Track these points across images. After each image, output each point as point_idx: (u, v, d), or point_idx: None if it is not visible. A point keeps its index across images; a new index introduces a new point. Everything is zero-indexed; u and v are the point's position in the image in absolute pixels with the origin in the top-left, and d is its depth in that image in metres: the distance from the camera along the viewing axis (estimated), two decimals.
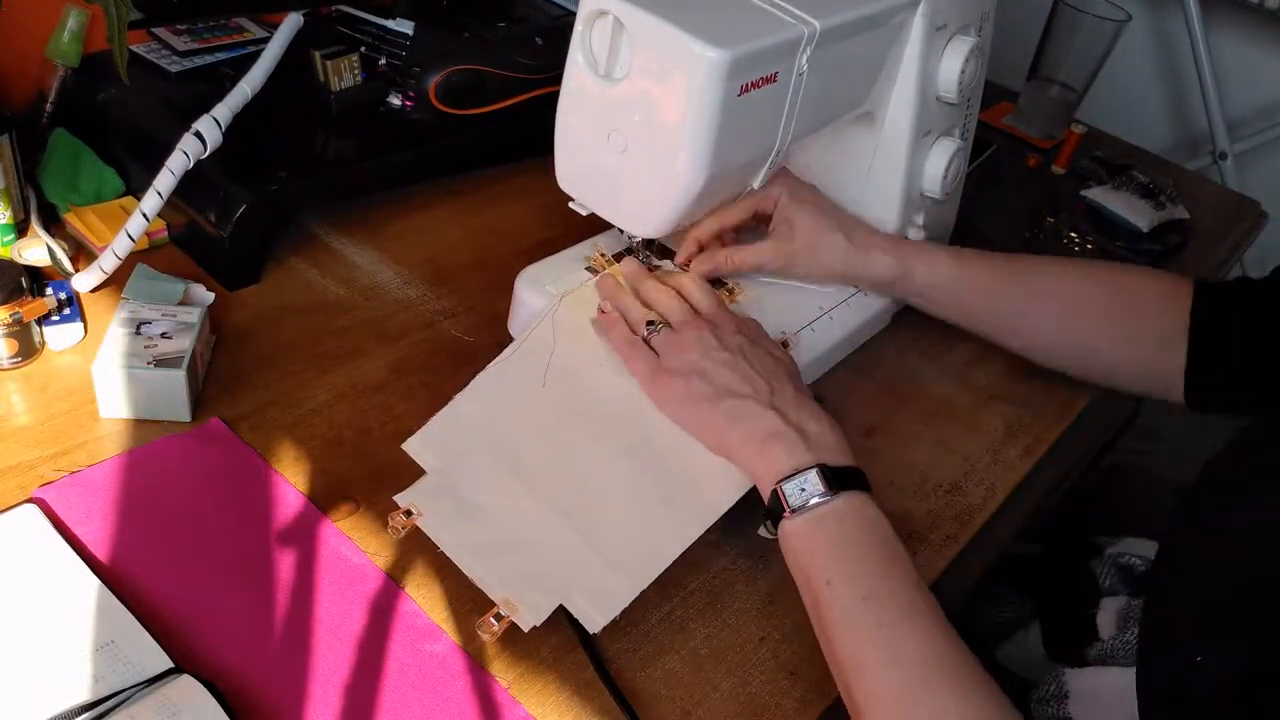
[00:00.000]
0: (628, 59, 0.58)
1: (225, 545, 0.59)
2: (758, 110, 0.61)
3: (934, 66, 0.76)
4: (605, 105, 0.60)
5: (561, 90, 0.62)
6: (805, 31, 0.60)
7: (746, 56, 0.56)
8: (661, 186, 0.61)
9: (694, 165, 0.58)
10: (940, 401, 0.80)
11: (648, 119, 0.59)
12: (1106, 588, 0.73)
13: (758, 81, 0.58)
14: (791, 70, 0.61)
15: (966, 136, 0.83)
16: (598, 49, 0.59)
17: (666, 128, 0.58)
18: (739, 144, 0.60)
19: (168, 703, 0.49)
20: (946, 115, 0.80)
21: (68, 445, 0.62)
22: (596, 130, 0.61)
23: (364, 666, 0.54)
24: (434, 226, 0.87)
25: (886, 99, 0.76)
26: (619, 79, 0.59)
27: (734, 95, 0.57)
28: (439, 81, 0.86)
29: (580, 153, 0.63)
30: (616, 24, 0.57)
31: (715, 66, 0.55)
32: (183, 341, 0.65)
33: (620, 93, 0.59)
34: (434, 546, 0.59)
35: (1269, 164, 1.80)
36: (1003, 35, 1.56)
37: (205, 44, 0.87)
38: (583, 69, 0.60)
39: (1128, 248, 1.03)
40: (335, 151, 0.84)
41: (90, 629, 0.52)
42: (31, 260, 0.73)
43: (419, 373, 0.73)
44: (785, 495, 0.56)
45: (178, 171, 0.70)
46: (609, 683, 0.56)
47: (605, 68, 0.59)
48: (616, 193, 0.63)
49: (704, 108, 0.56)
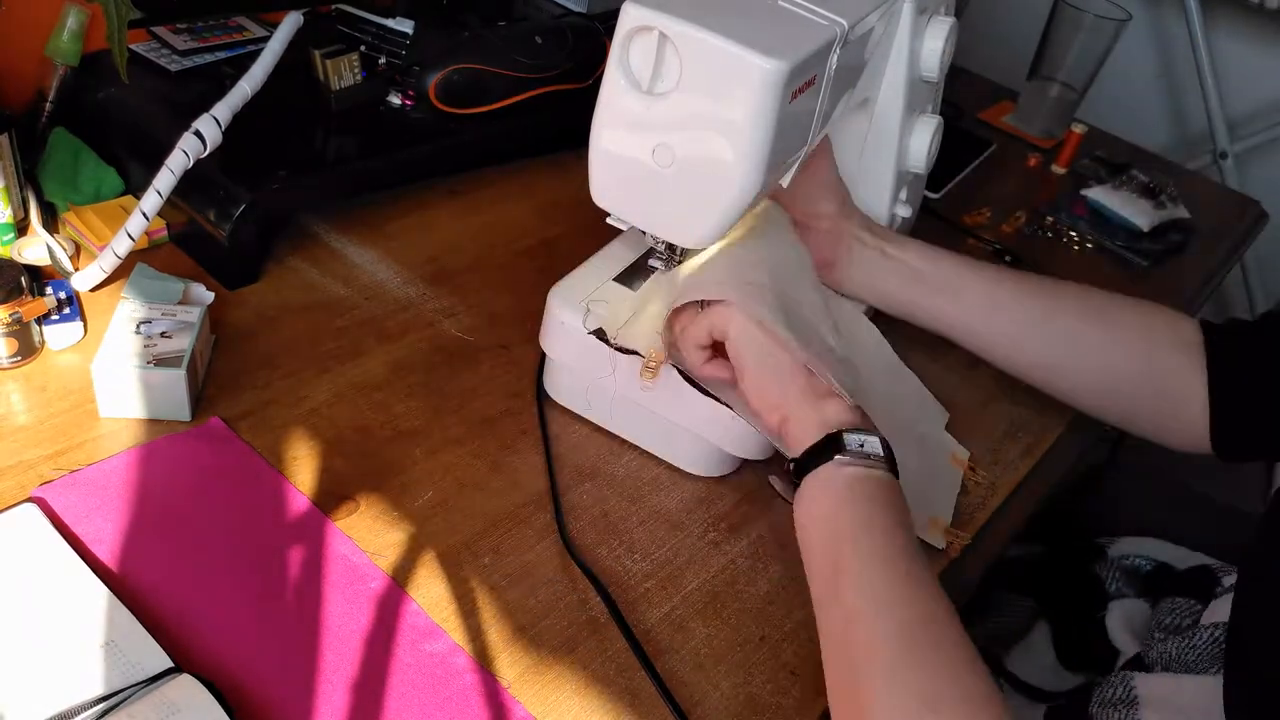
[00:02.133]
0: (674, 73, 0.57)
1: (225, 545, 0.59)
2: (802, 114, 0.61)
3: (918, 48, 0.78)
4: (649, 120, 0.59)
5: (598, 106, 0.61)
6: (837, 31, 0.61)
7: (799, 63, 0.56)
8: (713, 198, 0.60)
9: (750, 174, 0.59)
10: (941, 402, 0.80)
11: (699, 132, 0.58)
12: (1113, 591, 0.73)
13: (803, 86, 0.59)
14: (825, 71, 0.62)
15: (938, 110, 0.86)
16: (638, 64, 0.59)
17: (721, 139, 0.58)
18: (785, 148, 0.61)
19: (167, 702, 0.49)
20: (927, 93, 0.82)
21: (67, 445, 0.62)
22: (639, 145, 0.60)
23: (364, 666, 0.54)
24: (434, 226, 0.87)
25: (879, 83, 0.78)
26: (662, 94, 0.58)
27: (787, 103, 0.57)
28: (439, 81, 0.86)
29: (620, 168, 0.62)
30: (661, 39, 0.57)
31: (774, 76, 0.55)
32: (183, 341, 0.65)
33: (666, 107, 0.58)
34: (432, 548, 0.59)
35: (1269, 164, 1.80)
36: (1003, 35, 1.56)
37: (205, 43, 0.87)
38: (622, 85, 0.59)
39: (1128, 247, 1.03)
40: (335, 150, 0.84)
41: (90, 628, 0.52)
42: (31, 259, 0.73)
43: (419, 372, 0.73)
44: (846, 441, 0.56)
45: (177, 170, 0.70)
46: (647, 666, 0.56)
47: (649, 84, 0.59)
48: (660, 206, 0.62)
49: (761, 118, 0.57)
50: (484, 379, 0.73)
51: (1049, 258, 1.00)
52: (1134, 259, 1.03)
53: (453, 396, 0.71)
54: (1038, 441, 0.78)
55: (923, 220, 0.99)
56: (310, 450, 0.65)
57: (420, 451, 0.67)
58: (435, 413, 0.70)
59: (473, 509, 0.64)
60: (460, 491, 0.65)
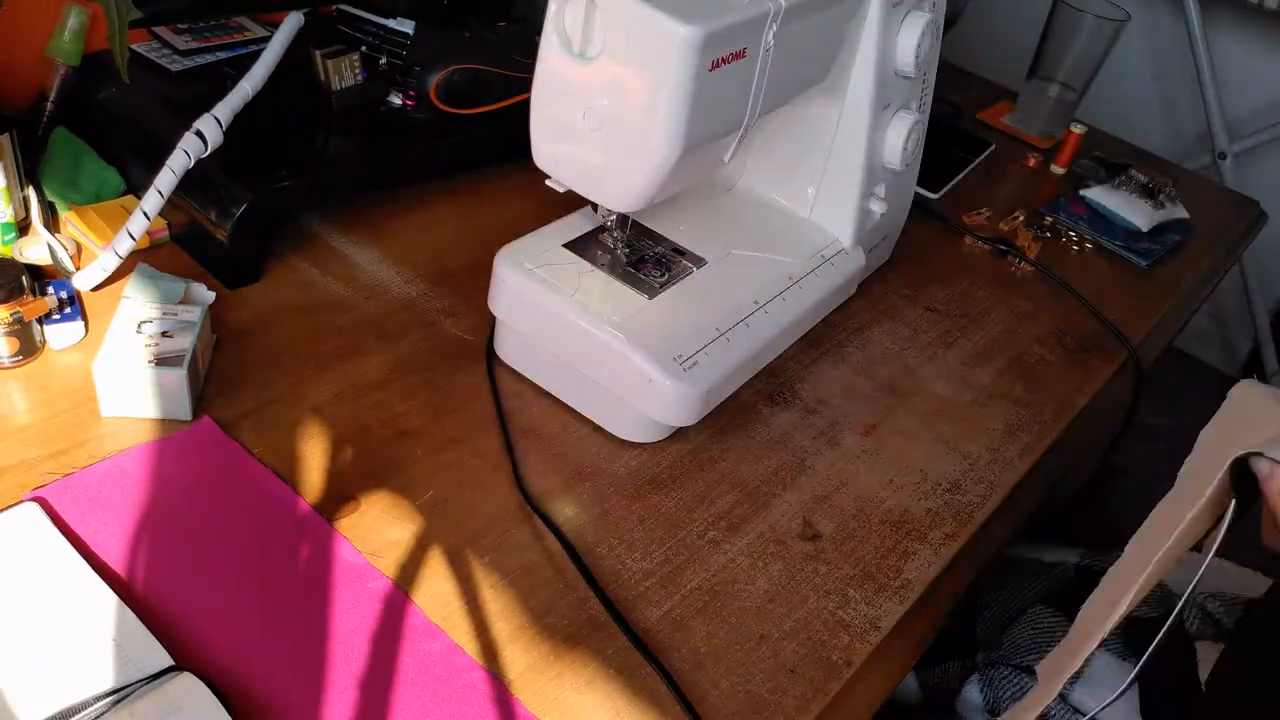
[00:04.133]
0: (601, 37, 0.59)
1: (225, 544, 0.59)
2: (728, 85, 0.62)
3: (891, 42, 0.78)
4: (579, 83, 0.61)
5: (536, 70, 0.63)
6: (771, 8, 0.62)
7: (717, 32, 0.58)
8: (636, 162, 0.62)
9: (668, 140, 0.60)
10: (940, 401, 0.80)
11: (622, 96, 0.60)
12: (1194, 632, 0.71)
13: (727, 57, 0.60)
14: (759, 46, 0.63)
15: (924, 109, 0.86)
16: (571, 28, 0.60)
17: (640, 104, 0.60)
18: (710, 119, 0.62)
19: (168, 700, 0.49)
20: (905, 89, 0.82)
21: (68, 444, 0.62)
22: (571, 108, 0.62)
23: (363, 665, 0.54)
24: (435, 225, 0.87)
25: (847, 74, 0.78)
26: (592, 57, 0.60)
27: (705, 70, 0.58)
28: (440, 81, 0.86)
29: (556, 130, 0.64)
30: (589, 3, 0.58)
31: (688, 42, 0.57)
32: (183, 340, 0.65)
33: (594, 71, 0.60)
34: (433, 547, 0.59)
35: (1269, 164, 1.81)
36: (1003, 35, 1.57)
37: (206, 43, 0.87)
38: (556, 48, 0.61)
39: (1127, 247, 1.03)
40: (336, 150, 0.84)
41: (90, 627, 0.52)
42: (32, 259, 0.73)
43: (419, 371, 0.73)
44: None
45: (179, 170, 0.70)
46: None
47: (579, 46, 0.60)
48: (592, 170, 0.64)
49: (677, 83, 0.58)
50: (484, 378, 0.73)
51: (1049, 258, 1.01)
52: (1133, 259, 1.03)
53: (453, 396, 0.71)
54: (1037, 441, 0.78)
55: (922, 220, 1.00)
56: (311, 449, 0.65)
57: (420, 451, 0.67)
58: (435, 412, 0.70)
59: (473, 508, 0.64)
60: (460, 491, 0.65)
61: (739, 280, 0.75)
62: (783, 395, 0.78)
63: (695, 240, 0.77)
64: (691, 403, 0.68)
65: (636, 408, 0.68)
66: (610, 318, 0.68)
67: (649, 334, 0.68)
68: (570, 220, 0.76)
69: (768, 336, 0.73)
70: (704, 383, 0.67)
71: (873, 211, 0.83)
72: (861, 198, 0.82)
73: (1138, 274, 1.02)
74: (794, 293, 0.77)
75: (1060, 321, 0.92)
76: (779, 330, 0.74)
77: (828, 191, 0.82)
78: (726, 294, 0.74)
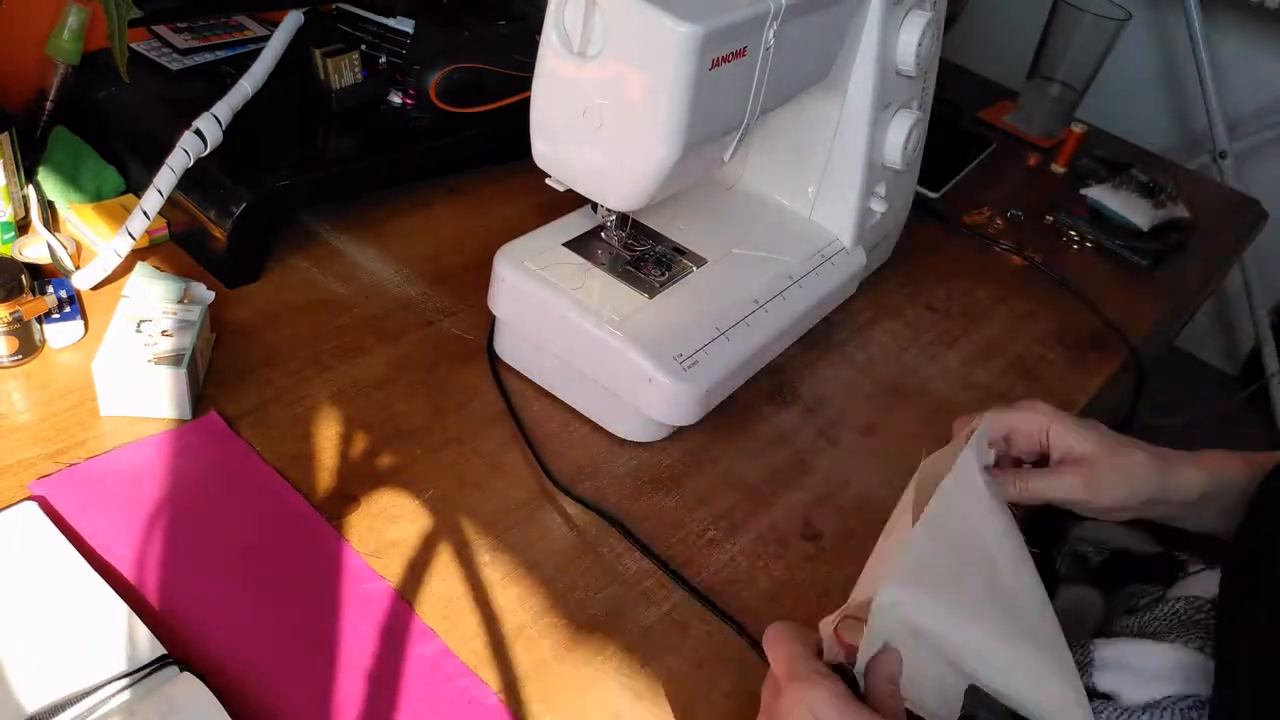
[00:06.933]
0: (601, 36, 0.59)
1: (224, 542, 0.59)
2: (728, 84, 0.62)
3: (892, 41, 0.78)
4: (579, 82, 0.61)
5: (535, 69, 0.63)
6: (771, 7, 0.62)
7: (718, 31, 0.58)
8: (637, 161, 0.62)
9: (668, 139, 0.60)
10: (940, 401, 0.80)
11: (622, 95, 0.60)
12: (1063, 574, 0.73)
13: (728, 56, 0.60)
14: (759, 45, 0.63)
15: (925, 108, 0.86)
16: (571, 27, 0.60)
17: (641, 103, 0.60)
18: (711, 118, 0.62)
19: (167, 700, 0.49)
20: (905, 88, 0.82)
21: (68, 443, 0.62)
22: (571, 107, 0.62)
23: (361, 664, 0.54)
24: (434, 225, 0.87)
25: (848, 73, 0.78)
26: (592, 56, 0.60)
27: (706, 69, 0.59)
28: (439, 80, 0.86)
29: (556, 129, 0.64)
30: (589, 2, 0.58)
31: (688, 41, 0.57)
32: (183, 339, 0.65)
33: (594, 70, 0.60)
34: (432, 546, 0.59)
35: (1269, 163, 1.81)
36: (1003, 34, 1.57)
37: (206, 42, 0.87)
38: (556, 47, 0.61)
39: (1127, 246, 1.03)
40: (335, 150, 0.84)
41: (90, 625, 0.52)
42: (32, 258, 0.73)
43: (419, 370, 0.73)
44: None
45: (178, 169, 0.70)
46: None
47: (579, 45, 0.60)
48: (592, 168, 0.64)
49: (677, 82, 0.58)
50: (483, 378, 0.73)
51: (1049, 257, 1.00)
52: (1133, 258, 1.03)
53: (453, 395, 0.71)
54: None
55: (922, 220, 0.99)
56: (310, 448, 0.65)
57: (420, 450, 0.67)
58: (435, 411, 0.70)
59: (472, 508, 0.64)
60: (460, 490, 0.65)
61: (739, 279, 0.75)
62: (783, 395, 0.78)
63: (695, 239, 0.77)
64: (691, 402, 0.67)
65: (636, 407, 0.68)
66: (610, 317, 0.68)
67: (649, 333, 0.68)
68: (570, 219, 0.76)
69: (768, 336, 0.73)
70: (704, 382, 0.67)
71: (873, 211, 0.83)
72: (862, 197, 0.82)
73: (1138, 273, 1.02)
74: (794, 292, 0.77)
75: (1061, 321, 0.92)
76: (779, 329, 0.74)
77: (828, 191, 0.82)
78: (726, 293, 0.74)
